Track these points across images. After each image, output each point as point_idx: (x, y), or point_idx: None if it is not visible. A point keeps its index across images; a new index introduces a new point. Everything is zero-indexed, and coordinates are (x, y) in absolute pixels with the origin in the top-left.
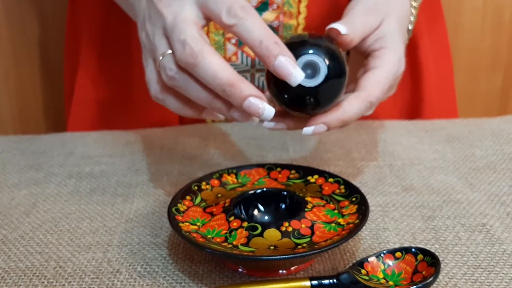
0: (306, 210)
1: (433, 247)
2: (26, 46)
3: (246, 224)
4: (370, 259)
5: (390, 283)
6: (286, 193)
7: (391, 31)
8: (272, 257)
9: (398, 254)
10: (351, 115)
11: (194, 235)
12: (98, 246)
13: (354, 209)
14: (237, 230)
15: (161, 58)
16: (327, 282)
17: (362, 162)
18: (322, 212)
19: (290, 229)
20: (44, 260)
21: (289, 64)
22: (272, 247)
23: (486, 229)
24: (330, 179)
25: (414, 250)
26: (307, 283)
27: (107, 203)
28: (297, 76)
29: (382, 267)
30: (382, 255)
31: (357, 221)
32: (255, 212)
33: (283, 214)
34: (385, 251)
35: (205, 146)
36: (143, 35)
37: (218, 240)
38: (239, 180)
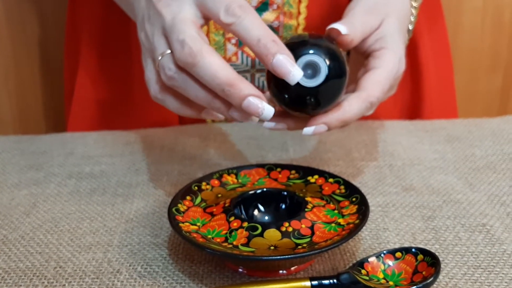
0: (306, 210)
1: (433, 247)
2: (26, 46)
3: (246, 224)
4: (370, 259)
5: (390, 283)
6: (286, 193)
7: (391, 31)
8: (272, 257)
9: (398, 254)
10: (352, 115)
11: (194, 235)
12: (98, 246)
13: (354, 209)
14: (237, 230)
15: (160, 58)
16: (327, 282)
17: (362, 162)
18: (322, 212)
19: (290, 229)
20: (44, 260)
21: (287, 62)
22: (272, 247)
23: (486, 229)
24: (330, 179)
25: (414, 250)
26: (307, 283)
27: (107, 203)
28: (295, 74)
29: (382, 267)
30: (382, 255)
31: (357, 221)
32: (255, 212)
33: (283, 214)
34: (385, 251)
35: (205, 146)
36: (142, 35)
37: (218, 240)
38: (239, 180)
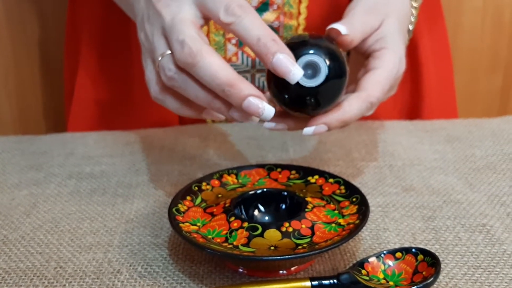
0: (306, 210)
1: (433, 248)
2: (26, 46)
3: (246, 224)
4: (370, 260)
5: (391, 284)
6: (286, 193)
7: (392, 32)
8: (272, 257)
9: (399, 254)
10: (352, 116)
11: (195, 236)
12: (99, 246)
13: (355, 209)
14: (237, 230)
15: (160, 59)
16: (328, 282)
17: (362, 163)
18: (323, 212)
19: (291, 229)
20: (44, 260)
21: (287, 61)
22: (272, 248)
23: (486, 229)
24: (331, 180)
25: (414, 250)
26: (308, 284)
27: (108, 204)
28: (295, 73)
29: (383, 268)
30: (383, 256)
31: (357, 221)
32: (256, 212)
33: (284, 215)
34: (385, 252)
35: (205, 147)
36: (142, 35)
37: (219, 240)
38: (240, 180)
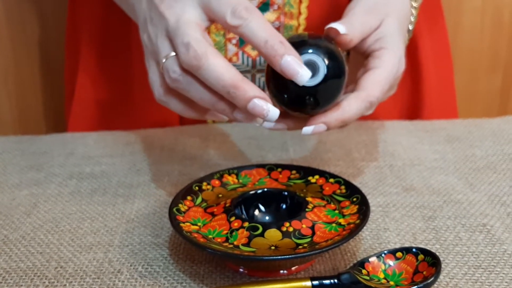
0: (307, 210)
1: (433, 247)
2: (26, 46)
3: (247, 224)
4: (371, 259)
5: (391, 283)
6: (287, 193)
7: (391, 31)
8: (273, 257)
9: (399, 254)
10: (351, 115)
11: (195, 235)
12: (99, 246)
13: (355, 209)
14: (238, 230)
15: (164, 61)
16: (328, 282)
17: (363, 163)
18: (323, 212)
19: (291, 229)
20: (45, 260)
21: (295, 63)
22: (273, 247)
23: (487, 229)
24: (331, 180)
25: (415, 250)
26: (308, 283)
27: (108, 204)
28: (303, 74)
29: (383, 267)
30: (383, 255)
31: (357, 221)
32: (256, 212)
33: (284, 214)
34: (386, 251)
35: (205, 147)
36: (145, 37)
37: (219, 240)
38: (240, 180)
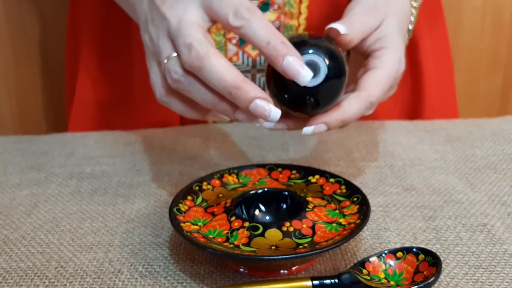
0: (307, 210)
1: (434, 247)
2: (26, 46)
3: (247, 224)
4: (371, 259)
5: (392, 283)
6: (287, 193)
7: (391, 31)
8: (273, 257)
9: (400, 254)
10: (351, 115)
11: (196, 235)
12: (100, 246)
13: (355, 209)
14: (238, 230)
15: (166, 61)
16: (329, 282)
17: (363, 163)
18: (323, 212)
19: (292, 229)
20: (45, 260)
21: (297, 63)
22: (273, 247)
23: (487, 229)
24: (331, 179)
25: (415, 250)
26: (309, 283)
27: (108, 204)
28: (305, 75)
29: (384, 267)
30: (384, 255)
31: (358, 221)
32: (256, 212)
33: (284, 214)
34: (386, 251)
35: (206, 147)
36: (147, 38)
37: (220, 240)
38: (240, 180)
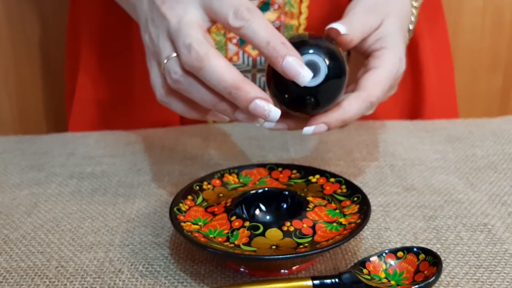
0: (307, 209)
1: (434, 247)
2: (26, 46)
3: (247, 223)
4: (372, 259)
5: (392, 283)
6: (287, 192)
7: (392, 31)
8: (274, 256)
9: (400, 253)
10: (351, 115)
11: (196, 235)
12: (100, 246)
13: (356, 208)
14: (238, 229)
15: (165, 62)
16: (329, 281)
17: (363, 162)
18: (324, 211)
19: (292, 228)
20: (45, 259)
21: (297, 64)
22: (273, 247)
23: (488, 229)
24: (332, 179)
25: (416, 249)
26: (309, 283)
27: (109, 203)
28: (305, 75)
29: (384, 267)
30: (384, 255)
31: (358, 220)
32: (257, 211)
33: (285, 214)
34: (387, 251)
35: (206, 146)
36: (147, 38)
37: (220, 239)
38: (241, 180)
